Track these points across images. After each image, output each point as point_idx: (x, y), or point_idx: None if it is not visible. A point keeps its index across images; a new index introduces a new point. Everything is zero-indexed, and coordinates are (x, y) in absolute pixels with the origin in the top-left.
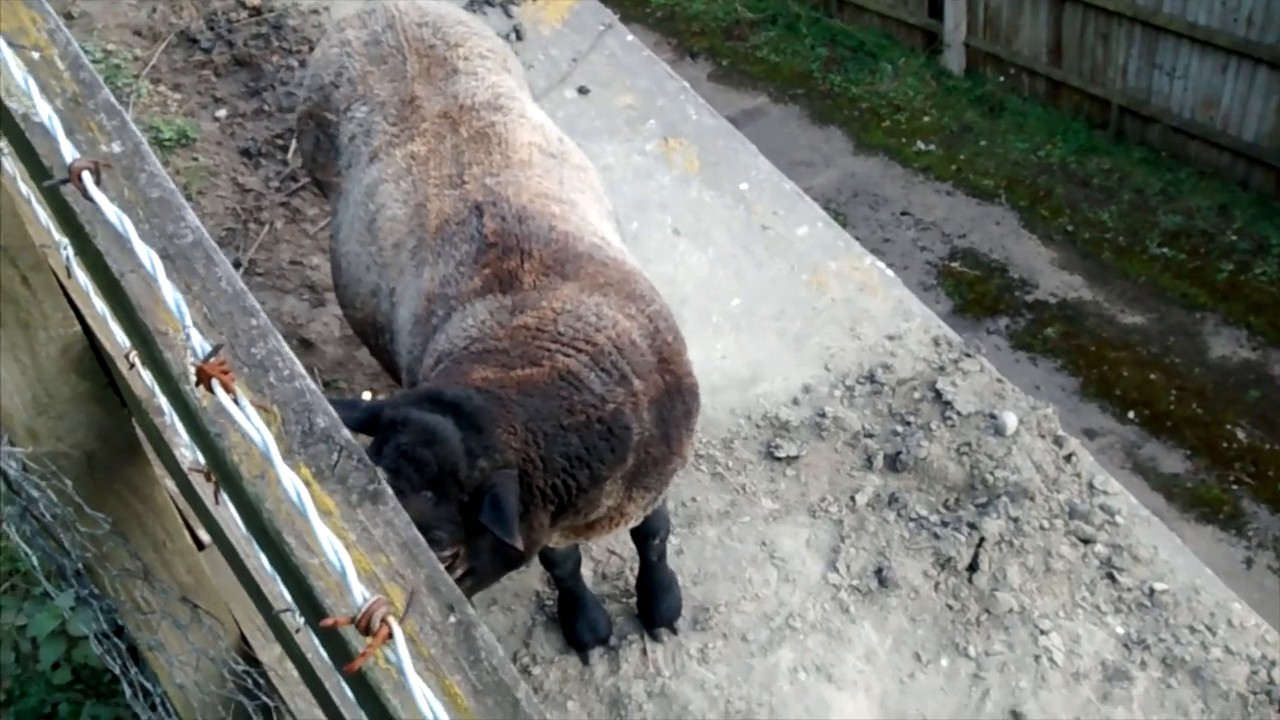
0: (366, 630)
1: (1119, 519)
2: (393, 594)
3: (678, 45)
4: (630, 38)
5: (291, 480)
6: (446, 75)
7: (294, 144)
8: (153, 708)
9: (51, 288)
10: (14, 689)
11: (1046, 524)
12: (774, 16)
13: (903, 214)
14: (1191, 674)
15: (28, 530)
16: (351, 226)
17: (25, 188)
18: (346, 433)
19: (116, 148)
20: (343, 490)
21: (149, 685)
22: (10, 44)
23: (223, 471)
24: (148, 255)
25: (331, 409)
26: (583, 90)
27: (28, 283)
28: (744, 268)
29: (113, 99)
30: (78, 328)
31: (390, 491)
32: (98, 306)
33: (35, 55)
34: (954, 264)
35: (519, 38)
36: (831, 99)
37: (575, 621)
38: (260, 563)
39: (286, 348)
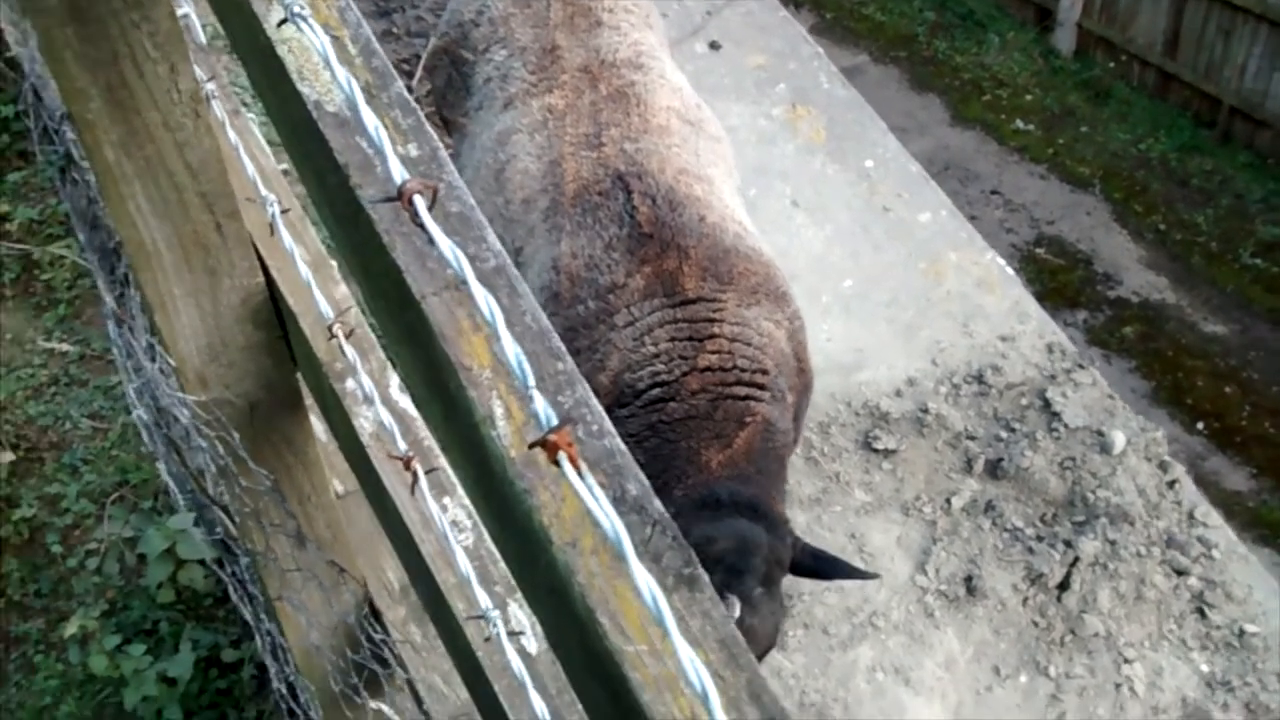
0: None
1: (1216, 553)
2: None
3: None
4: None
5: (648, 584)
6: (590, 26)
7: (419, 73)
8: (275, 658)
9: (242, 238)
10: (117, 600)
11: (1143, 550)
12: None
13: (993, 193)
14: None
15: (171, 465)
16: (476, 172)
17: (234, 135)
18: (658, 503)
19: (413, 151)
20: (657, 570)
21: (275, 635)
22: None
23: (525, 529)
24: (486, 301)
25: (642, 474)
26: (714, 45)
27: (221, 230)
28: (860, 249)
29: (405, 92)
30: (261, 279)
31: (706, 577)
32: (303, 272)
33: (327, 37)
34: (1039, 250)
35: None
36: (933, 65)
37: None
38: (446, 550)
39: (594, 398)
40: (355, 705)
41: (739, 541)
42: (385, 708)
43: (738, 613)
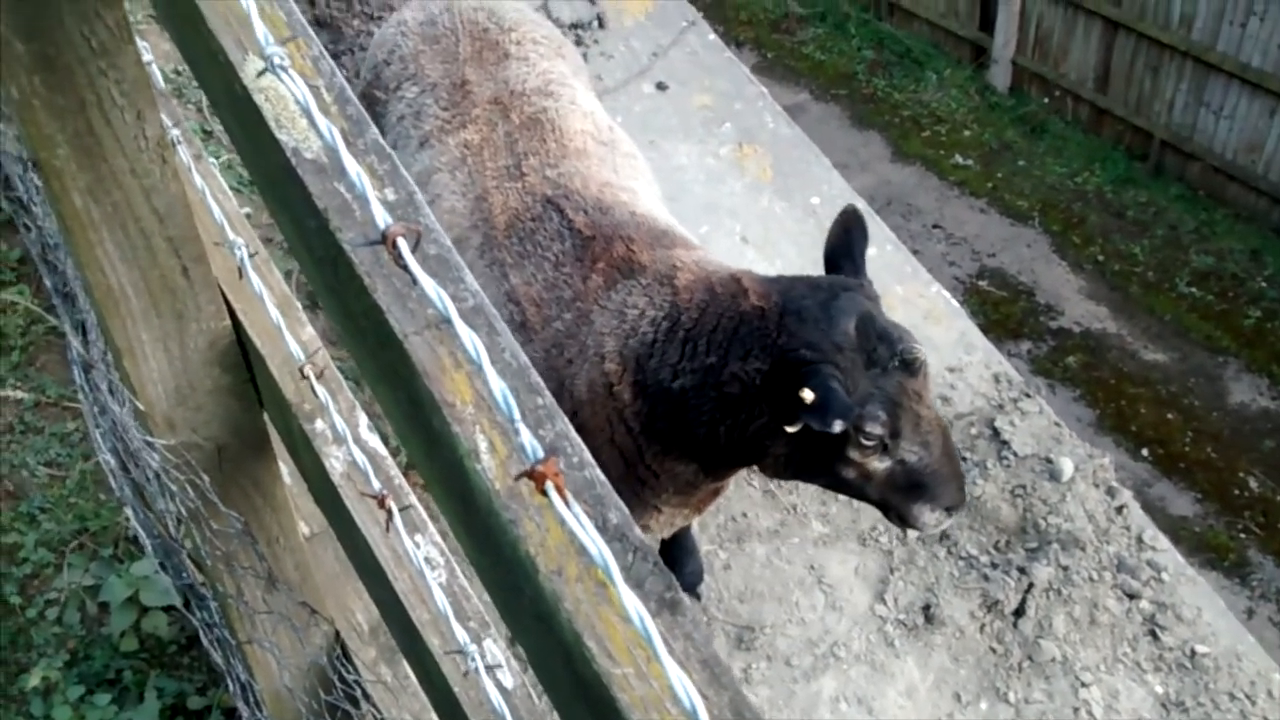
0: None
1: (1165, 576)
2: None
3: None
4: (712, 36)
5: (636, 608)
6: (498, 59)
7: None
8: (247, 702)
9: (209, 281)
10: (79, 650)
11: (1095, 575)
12: (823, 14)
13: (934, 226)
14: None
15: (138, 510)
16: None
17: (199, 180)
18: (638, 531)
19: (390, 195)
20: (641, 595)
21: (245, 679)
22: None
23: (511, 559)
24: (470, 339)
25: (622, 503)
26: (661, 86)
27: (188, 274)
28: None
29: (380, 138)
30: (228, 322)
31: (687, 601)
32: (273, 315)
33: (306, 87)
34: (981, 282)
35: (601, 26)
36: (873, 103)
37: None
38: (420, 586)
39: (574, 431)
40: None
41: (858, 313)
42: None
43: (923, 354)
